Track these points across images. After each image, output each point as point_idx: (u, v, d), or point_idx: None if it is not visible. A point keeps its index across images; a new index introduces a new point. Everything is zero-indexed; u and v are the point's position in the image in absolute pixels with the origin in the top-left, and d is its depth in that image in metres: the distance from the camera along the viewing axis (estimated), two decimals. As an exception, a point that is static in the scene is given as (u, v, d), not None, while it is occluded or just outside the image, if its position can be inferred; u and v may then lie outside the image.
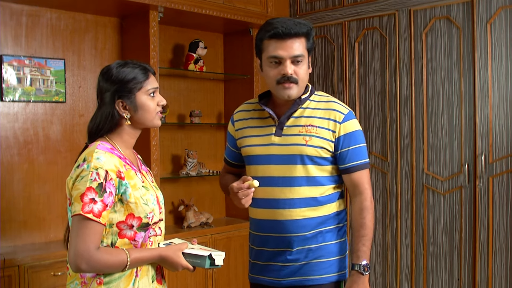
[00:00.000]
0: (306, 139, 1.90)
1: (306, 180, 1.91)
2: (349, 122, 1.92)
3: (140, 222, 1.67)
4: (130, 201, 1.65)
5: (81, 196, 1.56)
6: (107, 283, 1.63)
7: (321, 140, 1.90)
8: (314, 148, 1.90)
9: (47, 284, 2.84)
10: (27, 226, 3.14)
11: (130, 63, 1.77)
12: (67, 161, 3.28)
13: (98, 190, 1.57)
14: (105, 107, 1.72)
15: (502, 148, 3.10)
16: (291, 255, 1.94)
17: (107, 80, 1.73)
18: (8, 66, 3.03)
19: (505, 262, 3.10)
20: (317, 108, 1.95)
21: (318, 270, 1.93)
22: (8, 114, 3.07)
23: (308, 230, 1.92)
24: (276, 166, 1.93)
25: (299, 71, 1.89)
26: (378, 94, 3.62)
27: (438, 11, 3.32)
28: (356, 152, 1.91)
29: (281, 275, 1.96)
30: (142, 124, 1.76)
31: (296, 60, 1.88)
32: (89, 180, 1.57)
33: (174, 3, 3.32)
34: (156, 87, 1.77)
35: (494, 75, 3.12)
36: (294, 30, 1.86)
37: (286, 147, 1.92)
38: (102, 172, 1.59)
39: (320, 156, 1.90)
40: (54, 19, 3.25)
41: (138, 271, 1.69)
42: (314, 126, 1.91)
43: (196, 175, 3.77)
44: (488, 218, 3.14)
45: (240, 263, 3.86)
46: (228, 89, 4.17)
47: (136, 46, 3.42)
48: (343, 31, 3.80)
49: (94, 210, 1.56)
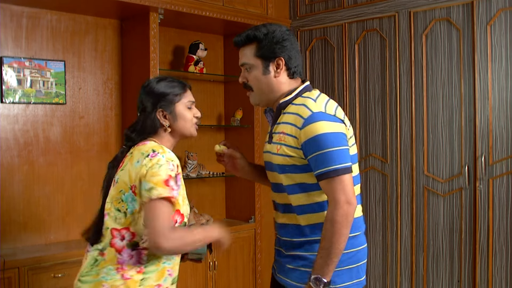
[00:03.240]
0: (277, 148, 1.85)
1: (285, 187, 1.86)
2: (309, 126, 1.75)
3: (182, 220, 1.82)
4: (179, 198, 1.77)
5: (165, 181, 1.69)
6: (146, 273, 1.75)
7: (288, 148, 1.81)
8: (282, 157, 1.83)
9: (47, 286, 2.83)
10: (27, 227, 3.14)
11: (169, 78, 1.93)
12: (67, 163, 3.28)
13: (175, 180, 1.72)
14: (146, 115, 1.86)
15: (502, 150, 3.10)
16: (285, 258, 1.93)
17: (149, 93, 1.88)
18: (8, 68, 3.04)
19: (505, 264, 3.09)
20: (290, 113, 1.85)
21: (301, 278, 1.82)
22: (8, 116, 3.07)
23: (292, 237, 1.88)
24: (270, 173, 1.96)
25: (249, 77, 1.92)
26: (378, 96, 3.63)
27: (438, 12, 3.32)
28: (321, 159, 1.72)
29: (278, 271, 1.97)
30: (180, 132, 1.91)
31: (246, 68, 1.93)
32: (168, 169, 1.71)
33: (174, 5, 3.33)
34: (193, 100, 1.93)
35: (494, 77, 3.12)
36: (235, 39, 1.94)
37: (271, 155, 1.90)
38: (176, 165, 1.75)
39: (292, 164, 1.81)
40: (54, 21, 3.25)
41: (172, 270, 1.83)
42: (284, 133, 1.83)
43: (196, 177, 3.77)
44: (488, 220, 3.14)
45: (240, 264, 3.86)
46: (228, 91, 4.17)
47: (136, 48, 3.43)
48: (343, 33, 3.80)
49: (175, 195, 1.71)
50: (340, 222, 1.70)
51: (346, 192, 1.71)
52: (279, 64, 1.88)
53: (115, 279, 1.72)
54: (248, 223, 3.97)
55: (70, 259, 2.88)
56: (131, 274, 1.72)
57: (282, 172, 1.85)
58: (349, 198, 1.71)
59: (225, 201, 4.19)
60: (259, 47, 1.87)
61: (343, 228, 1.70)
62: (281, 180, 1.87)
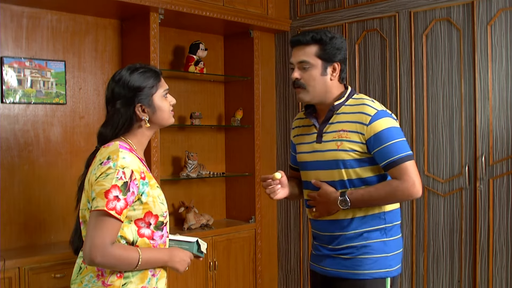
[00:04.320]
0: (338, 144, 2.00)
1: (346, 183, 2.01)
2: (376, 122, 1.96)
3: (156, 220, 1.76)
4: (149, 199, 1.72)
5: (106, 192, 1.62)
6: (126, 277, 1.70)
7: (351, 143, 1.98)
8: (346, 152, 1.98)
9: (47, 286, 2.84)
10: (27, 228, 3.14)
11: (140, 67, 1.82)
12: (67, 163, 3.29)
13: (122, 189, 1.64)
14: (119, 112, 1.77)
15: (502, 150, 3.10)
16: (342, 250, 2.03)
17: (122, 86, 1.78)
18: (8, 68, 3.04)
19: (505, 264, 3.09)
20: (348, 112, 2.03)
21: (363, 266, 1.99)
22: (8, 116, 3.07)
23: (354, 229, 2.01)
24: (322, 171, 2.05)
25: (305, 76, 2.02)
26: (379, 96, 3.62)
27: (438, 13, 3.32)
28: (387, 151, 1.94)
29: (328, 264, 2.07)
30: (159, 124, 1.86)
31: (303, 66, 2.02)
32: (115, 178, 1.63)
33: (175, 5, 3.33)
34: (168, 88, 1.88)
35: (494, 77, 3.12)
36: (297, 38, 2.05)
37: (324, 153, 2.03)
38: (128, 172, 1.66)
39: (356, 159, 1.98)
40: (55, 21, 3.25)
41: (156, 271, 1.78)
42: (345, 130, 2.00)
43: (196, 177, 3.77)
44: (488, 220, 3.14)
45: (240, 264, 3.86)
46: (229, 91, 4.17)
47: (136, 48, 3.43)
48: (344, 33, 3.80)
49: (116, 208, 1.62)
50: (403, 194, 1.94)
51: (417, 175, 1.94)
52: (335, 68, 2.04)
53: (96, 286, 1.69)
54: (248, 223, 3.97)
55: (70, 259, 2.87)
56: (111, 280, 1.68)
57: (344, 167, 1.99)
58: (419, 181, 1.93)
59: (225, 201, 4.19)
60: (323, 49, 2.01)
61: (398, 199, 1.97)
62: (340, 176, 2.01)
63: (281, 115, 4.27)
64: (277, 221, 4.29)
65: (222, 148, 4.18)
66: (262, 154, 4.05)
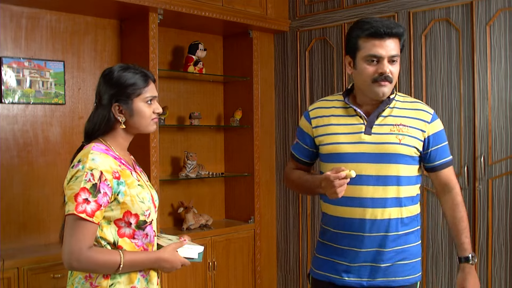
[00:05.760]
0: (399, 138, 1.92)
1: (397, 179, 1.91)
2: (436, 121, 1.98)
3: (137, 220, 1.72)
4: (126, 199, 1.69)
5: (75, 196, 1.62)
6: (113, 278, 1.68)
7: (413, 140, 1.93)
8: (408, 147, 1.92)
9: (46, 286, 2.84)
10: (26, 228, 3.14)
11: (132, 68, 1.79)
12: (66, 163, 3.25)
13: (92, 191, 1.62)
14: (102, 108, 1.76)
15: (501, 150, 3.10)
16: (383, 255, 1.91)
17: (107, 83, 1.76)
18: (7, 68, 3.04)
19: (504, 264, 3.10)
20: (404, 108, 1.98)
21: (402, 272, 1.93)
22: (7, 116, 3.07)
23: (396, 230, 1.91)
24: (368, 164, 1.91)
25: (394, 70, 1.92)
26: (378, 96, 3.63)
27: (438, 13, 3.33)
28: (443, 150, 1.97)
29: (364, 275, 1.92)
30: (136, 129, 1.80)
31: (392, 59, 1.90)
32: (83, 181, 1.62)
33: (174, 5, 3.33)
34: (155, 95, 1.81)
35: (493, 77, 3.12)
36: (394, 30, 1.88)
37: (379, 145, 1.91)
38: (97, 173, 1.63)
39: (411, 156, 1.93)
40: (54, 21, 3.25)
41: (146, 272, 1.75)
42: (405, 125, 1.94)
43: (195, 177, 3.77)
44: (487, 220, 3.14)
45: (240, 265, 3.86)
46: (228, 91, 4.17)
47: (135, 48, 3.43)
48: (343, 33, 3.80)
49: (87, 210, 1.61)
50: (463, 203, 2.01)
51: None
52: None
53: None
54: (247, 223, 3.97)
55: (69, 260, 2.88)
56: (98, 281, 1.68)
57: (403, 162, 1.91)
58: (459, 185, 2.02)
59: (224, 201, 4.19)
60: (401, 43, 1.94)
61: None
62: (396, 171, 1.90)
63: (280, 115, 4.27)
64: (276, 221, 4.29)
65: (221, 148, 4.18)
66: (261, 154, 4.05)
